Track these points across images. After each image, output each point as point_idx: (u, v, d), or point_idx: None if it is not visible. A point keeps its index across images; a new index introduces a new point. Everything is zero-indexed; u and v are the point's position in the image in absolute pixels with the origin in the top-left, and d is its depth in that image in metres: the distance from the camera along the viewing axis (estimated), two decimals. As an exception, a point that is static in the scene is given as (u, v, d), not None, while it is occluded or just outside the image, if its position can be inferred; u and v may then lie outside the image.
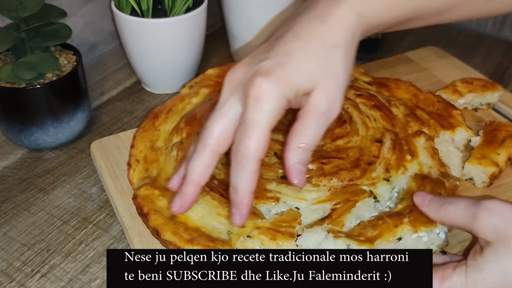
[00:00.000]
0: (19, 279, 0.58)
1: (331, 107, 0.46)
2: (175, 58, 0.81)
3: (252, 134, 0.45)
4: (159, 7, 0.81)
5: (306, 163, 0.47)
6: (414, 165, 0.59)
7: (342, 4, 0.48)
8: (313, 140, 0.47)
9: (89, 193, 0.68)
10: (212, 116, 0.48)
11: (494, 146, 0.64)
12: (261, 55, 0.47)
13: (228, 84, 0.48)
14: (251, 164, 0.45)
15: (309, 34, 0.46)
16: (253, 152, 0.45)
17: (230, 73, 0.48)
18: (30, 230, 0.63)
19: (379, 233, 0.51)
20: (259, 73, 0.45)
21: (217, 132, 0.47)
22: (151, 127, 0.67)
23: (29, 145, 0.72)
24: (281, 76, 0.45)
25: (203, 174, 0.49)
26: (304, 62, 0.46)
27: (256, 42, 0.87)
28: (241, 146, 0.45)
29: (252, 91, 0.45)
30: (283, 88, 0.45)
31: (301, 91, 0.46)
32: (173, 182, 0.55)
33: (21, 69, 0.65)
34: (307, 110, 0.46)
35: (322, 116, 0.46)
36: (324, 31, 0.47)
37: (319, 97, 0.46)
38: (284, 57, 0.46)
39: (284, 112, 0.47)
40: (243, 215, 0.48)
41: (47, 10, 0.69)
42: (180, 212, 0.52)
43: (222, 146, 0.48)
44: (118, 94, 0.86)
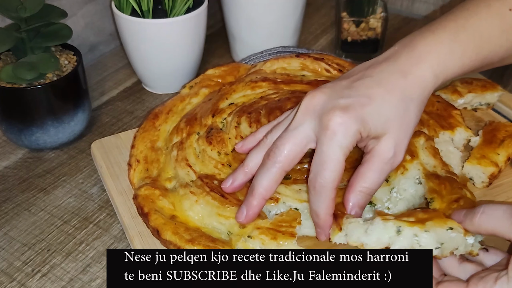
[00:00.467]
0: (19, 279, 0.58)
1: (396, 155, 0.51)
2: (175, 58, 0.81)
3: (329, 167, 0.49)
4: (160, 7, 0.81)
5: (364, 206, 0.52)
6: (414, 165, 0.59)
7: (422, 64, 0.52)
8: (375, 185, 0.51)
9: (89, 193, 0.68)
10: (284, 136, 0.52)
11: (494, 146, 0.64)
12: (342, 91, 0.51)
13: (305, 108, 0.51)
14: (329, 193, 0.50)
15: (390, 84, 0.51)
16: (330, 182, 0.49)
17: (309, 98, 0.51)
18: (30, 230, 0.63)
19: (429, 216, 0.49)
20: (339, 108, 0.49)
21: (287, 151, 0.51)
22: (151, 127, 0.67)
23: (30, 145, 0.72)
24: (359, 115, 0.49)
25: (270, 189, 0.52)
26: (382, 108, 0.50)
27: (256, 42, 0.87)
28: (318, 177, 0.49)
29: (330, 124, 0.49)
30: (359, 126, 0.49)
31: (373, 133, 0.50)
32: (227, 184, 0.57)
33: (21, 69, 0.65)
34: (374, 155, 0.50)
35: (388, 163, 0.50)
36: (404, 85, 0.51)
37: (387, 144, 0.50)
38: (364, 99, 0.50)
39: None
40: (326, 234, 0.52)
41: (47, 10, 0.69)
42: (245, 222, 0.54)
43: (289, 165, 0.52)
44: (119, 94, 0.86)
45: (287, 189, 0.57)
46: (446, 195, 0.54)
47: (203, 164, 0.61)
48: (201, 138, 0.63)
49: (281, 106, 0.64)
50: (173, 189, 0.60)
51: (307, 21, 1.03)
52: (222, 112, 0.66)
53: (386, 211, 0.57)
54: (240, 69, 0.76)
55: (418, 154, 0.60)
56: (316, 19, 1.06)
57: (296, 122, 0.52)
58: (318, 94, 0.51)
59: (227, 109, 0.66)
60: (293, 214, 0.55)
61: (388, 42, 0.98)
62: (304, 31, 1.01)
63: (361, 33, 0.90)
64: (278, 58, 0.74)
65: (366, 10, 0.90)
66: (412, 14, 1.08)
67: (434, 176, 0.57)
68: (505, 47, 0.56)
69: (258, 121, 0.63)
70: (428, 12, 1.06)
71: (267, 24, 0.86)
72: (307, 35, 1.01)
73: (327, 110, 0.49)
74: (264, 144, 0.55)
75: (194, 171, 0.60)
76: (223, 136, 0.62)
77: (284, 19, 0.86)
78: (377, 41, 0.90)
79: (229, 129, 0.63)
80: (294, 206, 0.56)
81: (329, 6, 1.10)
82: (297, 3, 0.86)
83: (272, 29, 0.87)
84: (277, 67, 0.74)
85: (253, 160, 0.55)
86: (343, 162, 0.49)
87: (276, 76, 0.71)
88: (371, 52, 0.91)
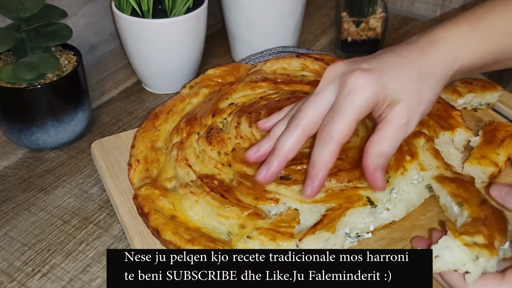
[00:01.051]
0: (19, 279, 0.58)
1: (409, 122, 0.51)
2: (175, 58, 0.81)
3: (340, 119, 0.49)
4: (160, 7, 0.81)
5: (385, 168, 0.51)
6: (413, 166, 0.59)
7: (441, 46, 0.54)
8: (390, 150, 0.51)
9: (89, 193, 0.68)
10: (307, 100, 0.53)
11: (494, 146, 0.64)
12: (363, 60, 0.53)
13: (327, 75, 0.53)
14: (333, 145, 0.50)
15: (409, 58, 0.52)
16: (337, 135, 0.49)
17: (330, 67, 0.53)
18: (30, 230, 0.63)
19: (491, 233, 0.49)
20: (360, 69, 0.50)
21: (311, 115, 0.52)
22: (151, 127, 0.67)
23: (30, 145, 0.72)
24: (378, 78, 0.50)
25: (292, 150, 0.52)
26: (400, 76, 0.51)
27: (256, 42, 0.87)
28: (327, 128, 0.50)
29: (348, 82, 0.50)
30: (377, 87, 0.50)
31: (389, 98, 0.51)
32: (252, 152, 0.57)
33: (21, 69, 0.65)
34: (388, 121, 0.51)
35: (401, 129, 0.51)
36: (423, 61, 0.53)
37: (401, 111, 0.51)
38: (384, 66, 0.51)
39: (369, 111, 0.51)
40: (314, 187, 0.51)
41: (47, 11, 0.69)
42: (264, 182, 0.54)
43: (312, 128, 0.52)
44: (119, 94, 0.86)
45: (287, 189, 0.57)
46: (470, 198, 0.54)
47: (203, 164, 0.61)
48: (201, 138, 0.63)
49: (281, 106, 0.64)
50: (173, 189, 0.60)
51: (307, 21, 1.03)
52: (222, 112, 0.66)
53: (386, 211, 0.57)
54: (240, 69, 0.76)
55: (418, 154, 0.60)
56: (316, 19, 1.06)
57: (319, 89, 0.53)
58: (339, 63, 0.53)
59: (227, 109, 0.66)
60: (292, 214, 0.55)
61: (388, 42, 0.98)
62: (304, 31, 1.01)
63: (361, 33, 0.90)
64: (278, 58, 0.74)
65: (366, 10, 0.90)
66: (412, 14, 1.08)
67: (448, 179, 0.57)
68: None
69: (258, 121, 0.63)
70: (428, 12, 1.06)
71: (267, 24, 0.86)
72: (307, 35, 1.01)
73: (348, 72, 0.51)
74: (290, 115, 0.56)
75: (194, 171, 0.60)
76: (223, 136, 0.63)
77: (284, 19, 0.86)
78: (377, 41, 0.90)
79: (229, 129, 0.63)
80: (294, 207, 0.56)
81: (329, 6, 1.10)
82: (297, 3, 0.86)
83: (272, 29, 0.87)
84: (277, 67, 0.74)
85: (279, 130, 0.56)
86: (354, 120, 0.50)
87: (276, 76, 0.71)
88: (371, 52, 0.90)
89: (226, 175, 0.59)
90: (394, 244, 0.57)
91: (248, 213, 0.55)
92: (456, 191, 0.55)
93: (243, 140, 0.62)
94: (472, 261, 0.47)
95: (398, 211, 0.58)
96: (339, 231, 0.54)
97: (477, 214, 0.52)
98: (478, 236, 0.48)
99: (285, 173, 0.58)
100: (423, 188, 0.59)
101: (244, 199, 0.57)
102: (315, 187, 0.51)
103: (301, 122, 0.52)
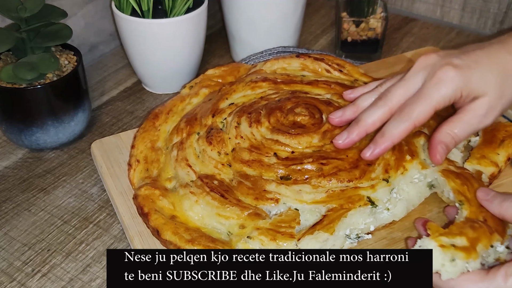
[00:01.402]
0: (19, 279, 0.58)
1: (487, 115, 0.56)
2: (175, 58, 0.81)
3: (422, 103, 0.54)
4: (160, 7, 0.81)
5: (449, 148, 0.55)
6: (414, 165, 0.59)
7: None
8: (462, 134, 0.56)
9: (89, 193, 0.68)
10: (397, 84, 0.57)
11: (494, 146, 0.64)
12: (454, 55, 0.57)
13: (419, 64, 0.57)
14: (408, 124, 0.55)
15: (496, 57, 0.57)
16: (414, 116, 0.54)
17: (423, 57, 0.58)
18: (30, 230, 0.63)
19: (478, 236, 0.50)
20: (451, 64, 0.55)
21: (398, 96, 0.56)
22: (151, 127, 0.67)
23: (30, 145, 0.72)
24: (466, 75, 0.55)
25: (374, 124, 0.57)
26: (486, 74, 0.55)
27: (256, 42, 0.87)
28: (408, 108, 0.55)
29: (438, 74, 0.55)
30: (463, 83, 0.54)
31: (473, 93, 0.55)
32: (336, 115, 0.61)
33: (21, 69, 0.65)
34: (468, 108, 0.55)
35: (477, 118, 0.55)
36: (509, 60, 0.57)
37: (483, 103, 0.55)
38: (472, 63, 0.56)
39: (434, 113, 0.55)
40: (375, 153, 0.56)
41: (47, 11, 0.69)
42: (341, 147, 0.58)
43: (396, 108, 0.56)
44: (119, 94, 0.86)
45: (288, 189, 0.57)
46: (472, 198, 0.54)
47: (203, 164, 0.61)
48: (201, 138, 0.63)
49: (281, 106, 0.64)
50: (173, 189, 0.60)
51: (307, 21, 1.03)
52: (222, 112, 0.66)
53: (386, 211, 0.57)
54: (240, 69, 0.76)
55: (418, 154, 0.60)
56: (316, 19, 1.06)
57: (409, 74, 0.57)
58: (433, 55, 0.58)
59: (227, 109, 0.66)
60: (292, 214, 0.55)
61: (388, 42, 0.98)
62: (304, 31, 1.01)
63: (361, 33, 0.90)
64: (278, 58, 0.74)
65: (366, 10, 0.90)
66: (412, 14, 1.08)
67: (454, 174, 0.57)
68: None
69: (258, 121, 0.63)
70: (428, 12, 1.07)
71: (267, 24, 0.86)
72: (307, 35, 1.01)
73: (439, 64, 0.56)
74: (377, 91, 0.60)
75: (194, 171, 0.60)
76: (223, 136, 0.63)
77: (284, 19, 0.86)
78: (377, 41, 0.90)
79: (229, 129, 0.63)
80: (294, 207, 0.56)
81: (329, 6, 1.10)
82: (297, 3, 0.86)
83: (272, 29, 0.87)
84: (277, 67, 0.74)
85: (365, 102, 0.60)
86: (434, 108, 0.54)
87: (276, 76, 0.71)
88: (371, 52, 0.91)
89: (226, 175, 0.59)
90: (394, 244, 0.57)
91: (248, 213, 0.55)
92: (460, 188, 0.56)
93: (243, 140, 0.62)
94: (449, 262, 0.47)
95: (398, 211, 0.58)
96: (339, 233, 0.54)
97: (475, 216, 0.52)
98: (460, 238, 0.49)
99: (285, 173, 0.58)
100: (424, 187, 0.59)
101: (244, 199, 0.57)
102: (375, 152, 0.56)
103: (389, 102, 0.56)
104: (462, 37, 1.01)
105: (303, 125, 0.63)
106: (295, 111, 0.64)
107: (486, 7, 1.00)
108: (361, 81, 0.73)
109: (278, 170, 0.58)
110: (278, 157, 0.59)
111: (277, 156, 0.60)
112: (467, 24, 1.04)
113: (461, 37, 1.01)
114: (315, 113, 0.63)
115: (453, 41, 0.99)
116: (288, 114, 0.64)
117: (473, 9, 1.01)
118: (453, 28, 1.03)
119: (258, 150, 0.60)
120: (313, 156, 0.59)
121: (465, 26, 1.04)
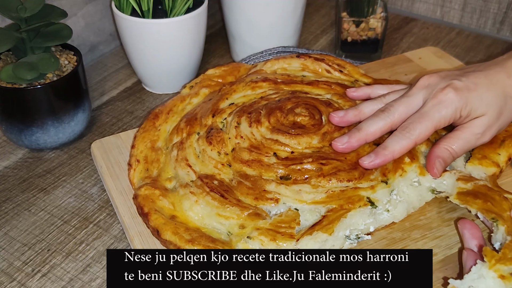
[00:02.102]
0: (19, 279, 0.58)
1: (484, 134, 0.59)
2: (176, 58, 0.81)
3: (423, 122, 0.58)
4: (160, 7, 0.81)
5: (447, 162, 0.58)
6: (413, 168, 0.59)
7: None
8: (460, 150, 0.58)
9: (89, 193, 0.68)
10: (400, 100, 0.61)
11: (495, 146, 0.64)
12: (455, 76, 0.60)
13: (421, 83, 0.61)
14: (409, 141, 0.58)
15: (495, 79, 0.60)
16: (415, 134, 0.57)
17: (426, 77, 0.61)
18: (30, 230, 0.63)
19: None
20: (452, 86, 0.58)
21: (400, 112, 0.60)
22: (151, 127, 0.67)
23: (30, 145, 0.72)
24: (465, 96, 0.58)
25: (373, 135, 0.60)
26: (484, 95, 0.58)
27: (256, 42, 0.87)
28: (411, 125, 0.58)
29: (439, 95, 0.58)
30: (462, 104, 0.58)
31: (472, 113, 0.58)
32: (338, 114, 0.63)
33: (21, 69, 0.65)
34: (467, 126, 0.59)
35: (475, 136, 0.58)
36: (507, 83, 0.60)
37: (481, 122, 0.58)
38: (472, 85, 0.58)
39: None
40: (374, 163, 0.58)
41: (47, 11, 0.69)
42: (339, 150, 0.60)
43: (396, 124, 0.60)
44: (119, 94, 0.86)
45: (287, 189, 0.57)
46: (501, 211, 0.54)
47: (203, 164, 0.61)
48: (201, 138, 0.63)
49: (281, 106, 0.64)
50: (173, 189, 0.60)
51: (307, 21, 1.03)
52: (222, 112, 0.66)
53: (386, 212, 0.57)
54: (240, 69, 0.76)
55: (418, 158, 0.60)
56: (316, 19, 1.06)
57: (412, 92, 0.61)
58: (435, 75, 0.61)
59: (227, 109, 0.66)
60: (292, 215, 0.55)
61: (388, 42, 0.98)
62: (304, 31, 1.01)
63: (361, 33, 0.89)
64: (278, 59, 0.74)
65: (366, 10, 0.90)
66: (412, 14, 1.08)
67: (471, 195, 0.56)
68: None
69: (258, 121, 0.63)
70: (428, 12, 1.07)
71: (267, 24, 0.86)
72: (307, 35, 1.01)
73: (441, 86, 0.59)
74: (381, 101, 0.63)
75: (194, 171, 0.60)
76: (223, 136, 0.62)
77: (284, 19, 0.86)
78: (377, 41, 0.90)
79: (229, 129, 0.63)
80: (294, 207, 0.56)
81: (329, 6, 1.10)
82: (297, 3, 0.86)
83: (272, 29, 0.87)
84: (277, 68, 0.74)
85: (367, 108, 0.62)
86: (434, 127, 0.58)
87: (276, 77, 0.71)
88: (371, 52, 0.91)
89: (226, 175, 0.59)
90: (394, 244, 0.57)
91: (248, 213, 0.55)
92: (485, 206, 0.54)
93: (243, 140, 0.62)
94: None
95: (398, 213, 0.58)
96: (339, 233, 0.54)
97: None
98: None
99: (285, 173, 0.58)
100: (424, 190, 0.59)
101: (244, 199, 0.57)
102: (374, 163, 0.58)
103: (391, 115, 0.59)
104: (462, 37, 1.01)
105: (303, 125, 0.63)
106: (295, 111, 0.64)
107: (486, 7, 1.00)
108: (361, 82, 0.73)
109: (278, 170, 0.58)
110: (277, 157, 0.59)
111: (276, 156, 0.60)
112: (467, 24, 1.04)
113: (461, 37, 1.00)
114: (315, 113, 0.63)
115: (453, 41, 0.99)
116: (288, 114, 0.64)
117: (473, 9, 1.02)
118: (453, 28, 1.03)
119: (258, 150, 0.60)
120: (312, 156, 0.59)
121: (465, 26, 1.04)
